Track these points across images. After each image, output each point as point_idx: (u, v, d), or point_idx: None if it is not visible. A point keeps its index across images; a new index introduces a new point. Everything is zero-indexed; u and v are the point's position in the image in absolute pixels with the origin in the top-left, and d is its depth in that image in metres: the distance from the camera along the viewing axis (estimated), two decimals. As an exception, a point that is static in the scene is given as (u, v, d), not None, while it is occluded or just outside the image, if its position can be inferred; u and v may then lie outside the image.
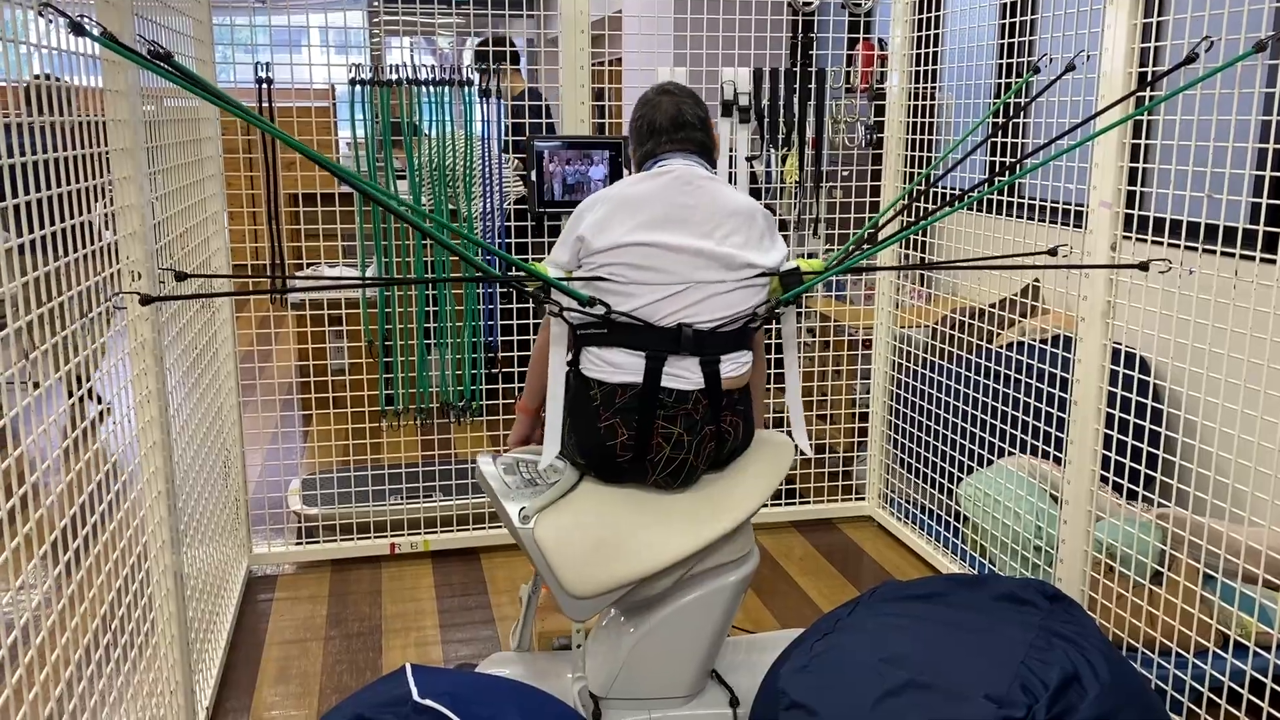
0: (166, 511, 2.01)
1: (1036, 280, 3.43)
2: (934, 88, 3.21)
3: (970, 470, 3.14)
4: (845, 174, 3.37)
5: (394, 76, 3.01)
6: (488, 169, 3.19)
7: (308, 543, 3.24)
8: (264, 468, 3.79)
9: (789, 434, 2.36)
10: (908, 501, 3.51)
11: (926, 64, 3.22)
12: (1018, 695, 1.91)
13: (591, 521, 2.11)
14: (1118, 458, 2.49)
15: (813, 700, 1.91)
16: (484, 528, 3.32)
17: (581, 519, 2.11)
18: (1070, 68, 2.40)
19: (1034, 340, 3.19)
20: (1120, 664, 2.11)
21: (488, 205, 3.23)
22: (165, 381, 2.03)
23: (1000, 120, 3.02)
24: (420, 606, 2.95)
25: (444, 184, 3.19)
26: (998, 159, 3.39)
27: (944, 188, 3.10)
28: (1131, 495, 2.54)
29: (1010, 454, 2.97)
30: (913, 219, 2.24)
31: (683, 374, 2.09)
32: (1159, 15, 2.19)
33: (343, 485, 3.28)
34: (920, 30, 3.22)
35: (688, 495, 2.19)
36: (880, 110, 3.32)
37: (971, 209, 2.90)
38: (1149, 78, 2.21)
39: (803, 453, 2.34)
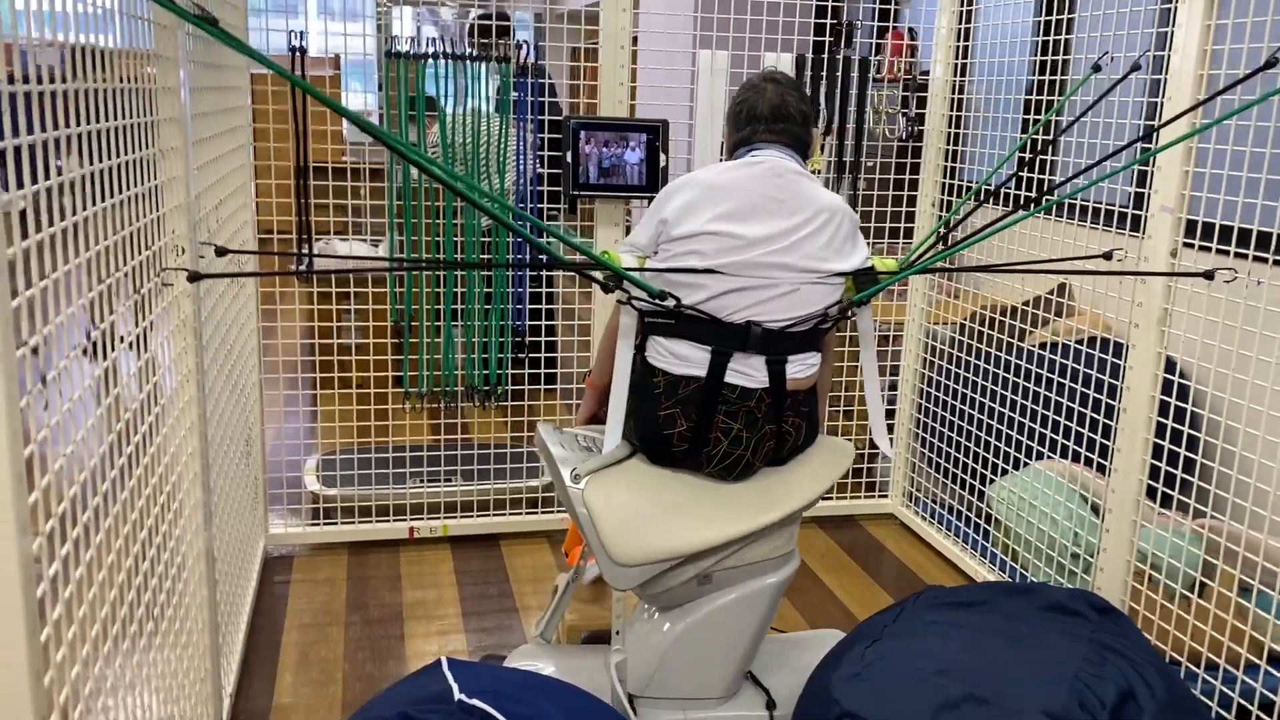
0: (202, 493, 1.94)
1: (1067, 279, 3.38)
2: (967, 80, 3.15)
3: (1001, 471, 3.10)
4: (870, 165, 3.30)
5: (429, 49, 2.93)
6: (522, 147, 3.12)
7: (325, 524, 3.17)
8: (278, 446, 3.72)
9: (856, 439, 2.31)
10: (933, 500, 3.47)
11: (967, 56, 3.15)
12: (1075, 712, 1.86)
13: (640, 494, 2.08)
14: (1154, 462, 2.45)
15: (867, 710, 1.86)
16: (504, 514, 3.26)
17: (631, 490, 2.08)
18: (1135, 68, 2.34)
19: (1069, 341, 3.14)
20: (1175, 680, 2.07)
21: (520, 185, 3.16)
22: (203, 360, 1.96)
23: (1057, 120, 2.96)
24: (441, 594, 2.90)
25: (476, 161, 3.12)
26: (1057, 159, 3.32)
27: (1008, 188, 3.03)
28: (1166, 502, 2.50)
29: (1048, 457, 2.93)
30: (989, 222, 2.18)
31: (748, 371, 2.04)
32: (1234, 17, 2.13)
33: (360, 466, 3.21)
34: (963, 22, 3.15)
35: (739, 485, 2.15)
36: (921, 102, 3.26)
37: (1010, 208, 2.85)
38: (1221, 84, 2.15)
39: (885, 456, 2.29)
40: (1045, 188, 2.31)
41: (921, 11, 4.57)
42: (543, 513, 3.29)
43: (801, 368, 2.09)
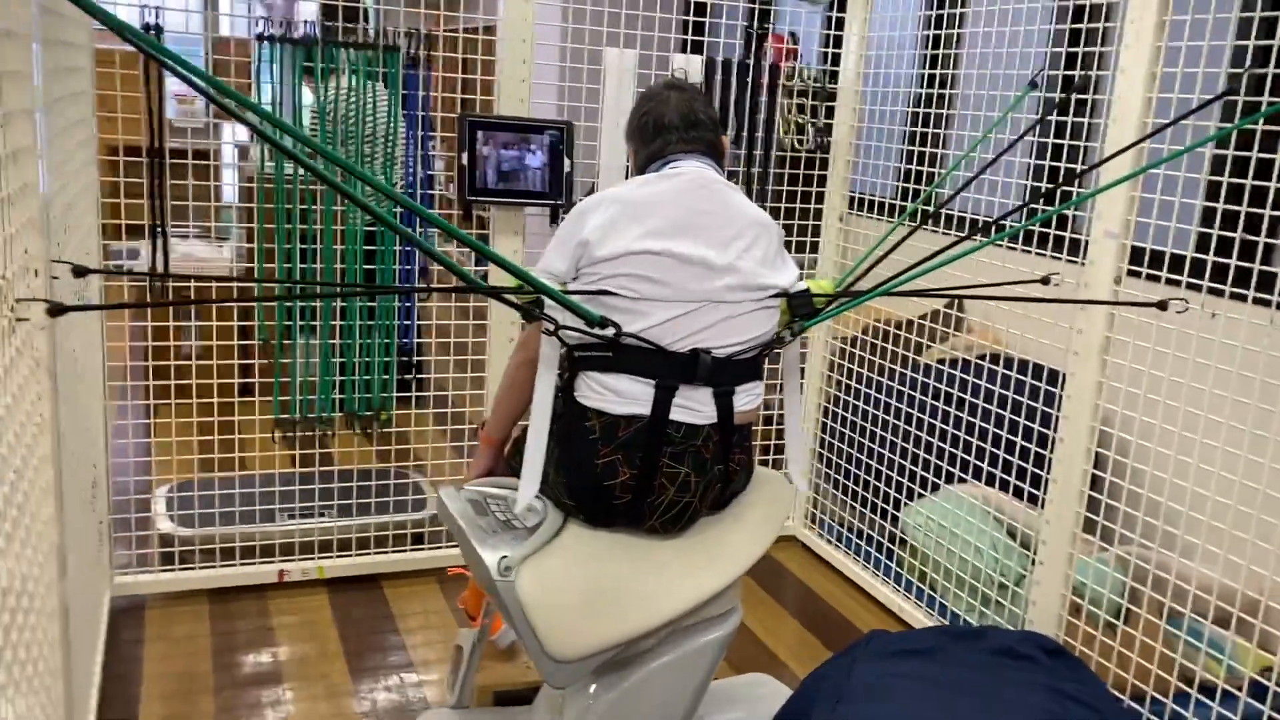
0: (55, 554, 1.59)
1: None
2: (867, 90, 3.05)
3: (909, 494, 3.01)
4: (778, 177, 3.17)
5: (308, 33, 2.59)
6: (412, 148, 2.82)
7: (180, 568, 2.79)
8: (119, 480, 3.28)
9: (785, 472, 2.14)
10: (838, 523, 3.37)
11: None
12: (1057, 775, 1.76)
13: (579, 573, 1.84)
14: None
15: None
16: (385, 551, 2.96)
17: (568, 571, 1.83)
18: (1033, 85, 2.26)
19: (969, 357, 3.09)
20: None
21: (408, 185, 2.86)
22: (58, 407, 1.61)
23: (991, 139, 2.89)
24: (323, 647, 2.58)
25: (360, 147, 2.80)
26: (983, 178, 3.25)
27: (949, 210, 2.92)
28: (1090, 528, 2.45)
29: (962, 480, 2.86)
30: (937, 251, 2.05)
31: (695, 406, 1.83)
32: (1188, 39, 2.07)
33: (222, 503, 2.84)
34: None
35: (682, 541, 1.94)
36: (830, 112, 3.14)
37: (926, 227, 2.77)
38: (1172, 111, 2.09)
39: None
40: (999, 214, 2.22)
41: (801, 15, 4.48)
42: (430, 548, 3.00)
43: (749, 399, 1.91)
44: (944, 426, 2.91)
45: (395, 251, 2.77)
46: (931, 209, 2.21)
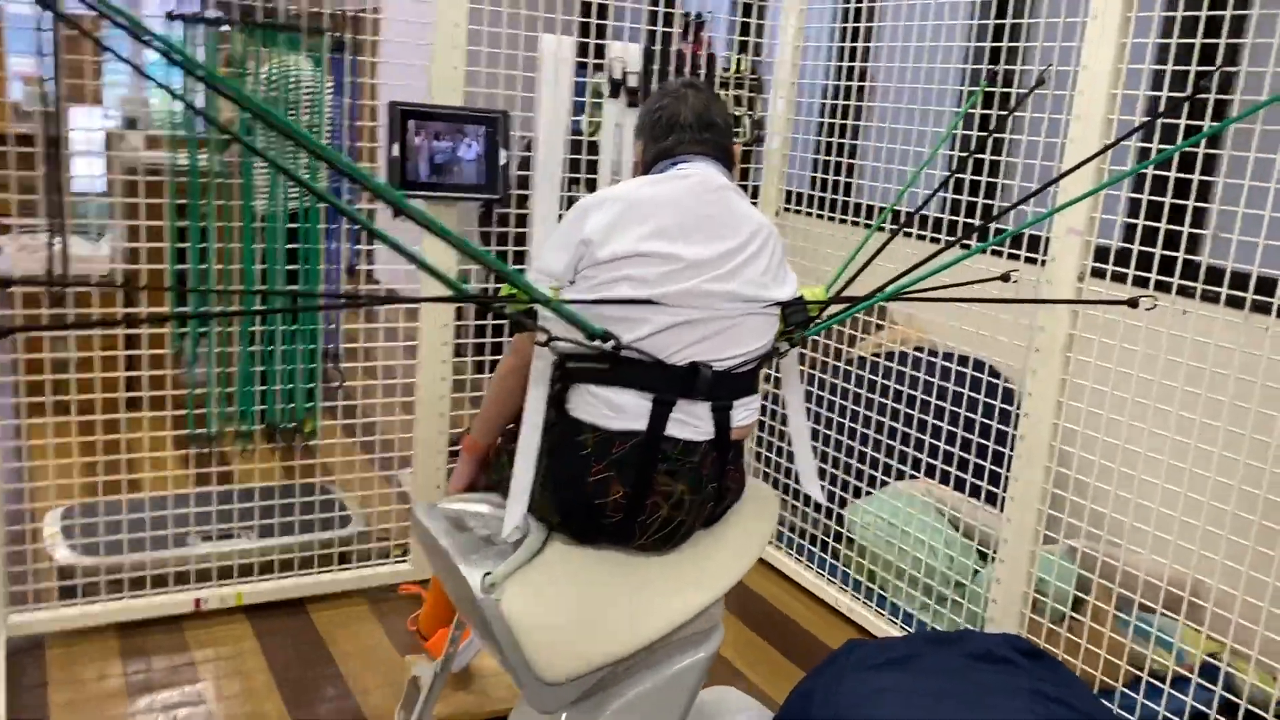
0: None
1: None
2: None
3: (852, 490, 2.98)
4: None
5: (222, 14, 2.36)
6: (341, 137, 2.62)
7: (84, 602, 2.52)
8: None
9: (775, 483, 2.06)
10: (779, 523, 3.31)
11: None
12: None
13: (566, 591, 1.72)
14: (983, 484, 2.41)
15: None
16: (310, 573, 2.75)
17: (555, 588, 1.72)
18: (1040, 82, 2.24)
19: (904, 349, 3.08)
20: None
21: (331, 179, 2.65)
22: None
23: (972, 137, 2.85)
24: (252, 683, 2.37)
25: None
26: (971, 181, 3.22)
27: (907, 209, 2.88)
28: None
29: (912, 477, 2.83)
30: (922, 259, 2.00)
31: (692, 421, 1.73)
32: (1154, 36, 2.07)
33: (126, 528, 2.58)
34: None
35: (668, 556, 1.84)
36: (764, 104, 3.06)
37: (888, 227, 2.72)
38: (1137, 111, 2.09)
39: (815, 502, 2.06)
40: (988, 218, 2.18)
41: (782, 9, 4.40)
42: (357, 567, 2.81)
43: (747, 413, 1.83)
44: (883, 420, 2.89)
45: (321, 250, 2.56)
46: (915, 212, 2.16)
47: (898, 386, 2.89)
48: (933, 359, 2.89)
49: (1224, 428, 2.00)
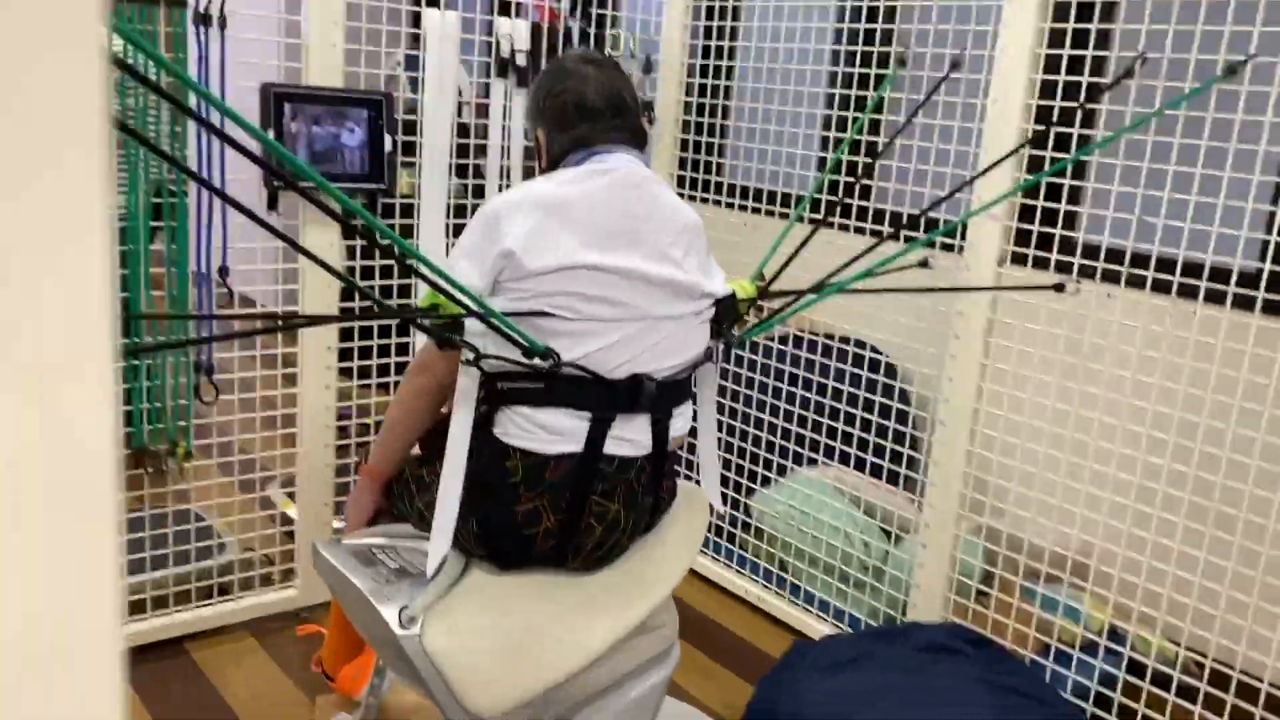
0: None
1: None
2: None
3: (755, 478, 2.94)
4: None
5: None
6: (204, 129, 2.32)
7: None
8: None
9: (697, 482, 1.97)
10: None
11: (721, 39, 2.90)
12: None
13: (493, 619, 1.61)
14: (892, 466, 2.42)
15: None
16: (186, 608, 2.48)
17: (480, 617, 1.61)
18: (955, 65, 2.23)
19: (798, 331, 3.05)
20: (1078, 713, 2.04)
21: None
22: None
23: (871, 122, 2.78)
24: (137, 741, 2.11)
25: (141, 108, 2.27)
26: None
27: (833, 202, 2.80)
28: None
29: (813, 462, 2.81)
30: (864, 251, 1.94)
31: (631, 436, 1.62)
32: (1074, 21, 2.08)
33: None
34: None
35: (601, 572, 1.74)
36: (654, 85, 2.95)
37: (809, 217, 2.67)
38: (1058, 94, 2.09)
39: (713, 509, 1.96)
40: (925, 219, 2.14)
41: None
42: (238, 598, 2.55)
43: (683, 422, 1.73)
44: (778, 405, 2.85)
45: (191, 251, 2.28)
46: (839, 201, 2.10)
47: (793, 370, 2.85)
48: (815, 339, 2.88)
49: (1104, 396, 2.05)
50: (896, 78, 2.29)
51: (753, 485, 2.94)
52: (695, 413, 1.85)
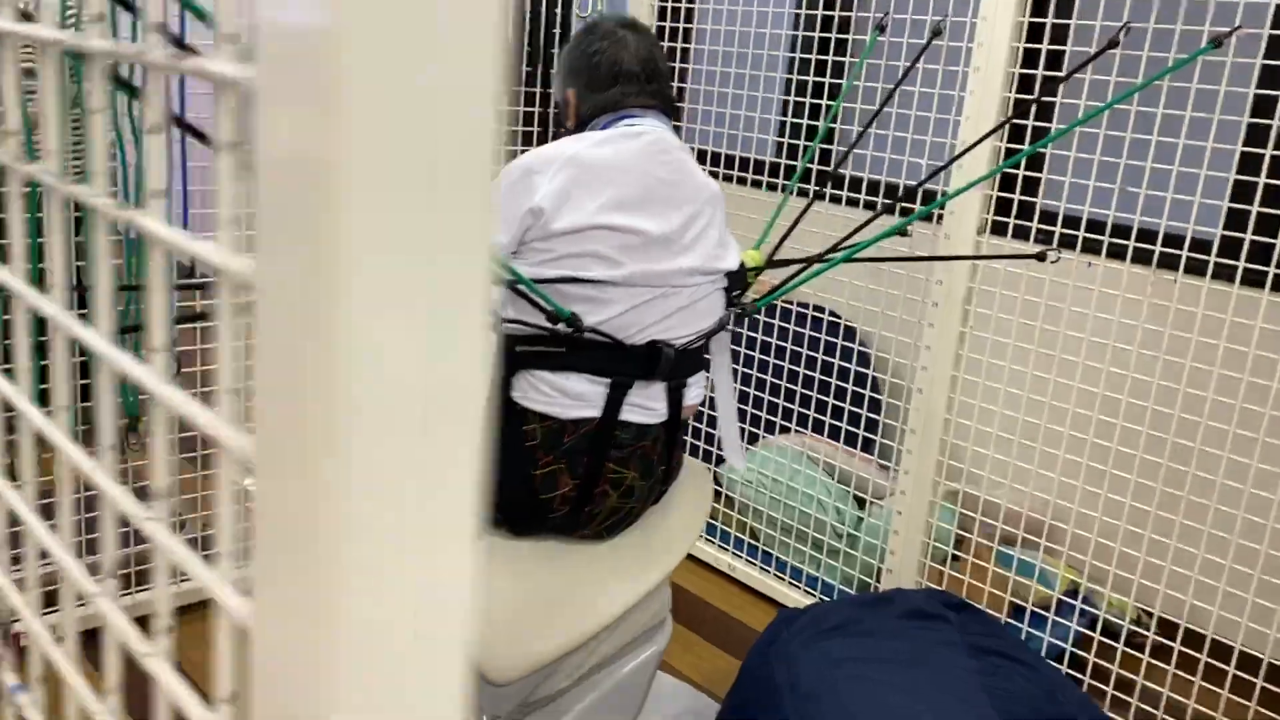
0: None
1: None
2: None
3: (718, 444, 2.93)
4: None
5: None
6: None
7: None
8: None
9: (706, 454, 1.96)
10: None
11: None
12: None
13: (507, 587, 1.61)
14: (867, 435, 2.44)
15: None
16: (129, 593, 2.40)
17: (494, 585, 1.60)
18: (937, 33, 2.21)
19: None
20: (1056, 673, 2.08)
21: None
22: None
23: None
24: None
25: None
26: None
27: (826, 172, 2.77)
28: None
29: (797, 431, 2.81)
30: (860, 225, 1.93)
31: (648, 404, 1.61)
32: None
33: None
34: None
35: (610, 541, 1.73)
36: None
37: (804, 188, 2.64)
38: (1040, 65, 2.10)
39: (735, 470, 1.97)
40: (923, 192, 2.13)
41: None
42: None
43: (698, 390, 1.73)
44: (750, 373, 2.85)
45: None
46: (834, 169, 2.08)
47: (765, 339, 2.85)
48: (802, 310, 2.87)
49: (1062, 358, 2.09)
50: (875, 43, 2.28)
51: (723, 454, 2.93)
52: (710, 380, 1.84)
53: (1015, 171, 2.20)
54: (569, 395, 1.55)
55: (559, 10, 2.72)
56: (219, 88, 0.32)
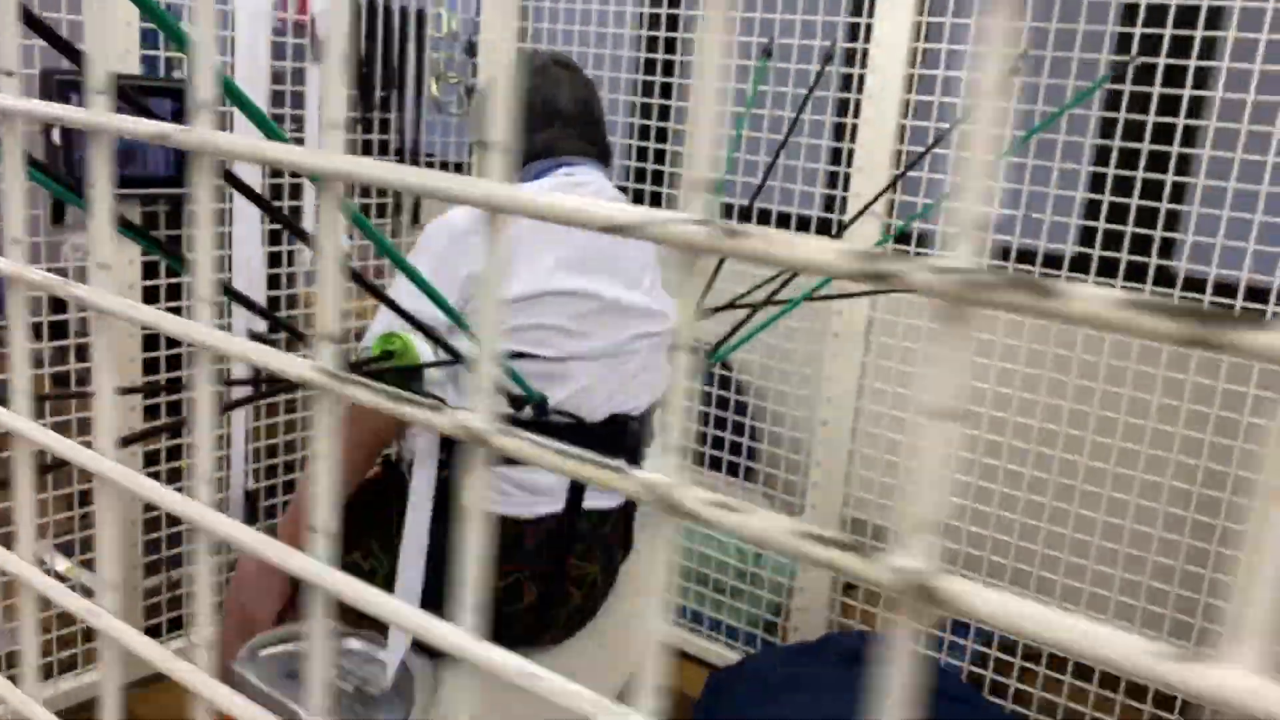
0: None
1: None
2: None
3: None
4: (430, 157, 2.69)
5: None
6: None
7: None
8: None
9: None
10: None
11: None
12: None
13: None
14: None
15: None
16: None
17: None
18: (828, 59, 2.16)
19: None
20: (994, 707, 2.06)
21: None
22: None
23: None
24: None
25: None
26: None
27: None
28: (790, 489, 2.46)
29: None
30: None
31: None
32: (951, 15, 2.07)
33: None
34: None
35: (574, 638, 1.56)
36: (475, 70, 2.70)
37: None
38: (936, 90, 2.09)
39: None
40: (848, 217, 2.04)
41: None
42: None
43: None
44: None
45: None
46: (750, 202, 1.99)
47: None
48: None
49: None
50: (765, 70, 2.20)
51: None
52: None
53: (914, 199, 2.18)
54: (529, 490, 1.37)
55: (412, 28, 2.52)
56: None
